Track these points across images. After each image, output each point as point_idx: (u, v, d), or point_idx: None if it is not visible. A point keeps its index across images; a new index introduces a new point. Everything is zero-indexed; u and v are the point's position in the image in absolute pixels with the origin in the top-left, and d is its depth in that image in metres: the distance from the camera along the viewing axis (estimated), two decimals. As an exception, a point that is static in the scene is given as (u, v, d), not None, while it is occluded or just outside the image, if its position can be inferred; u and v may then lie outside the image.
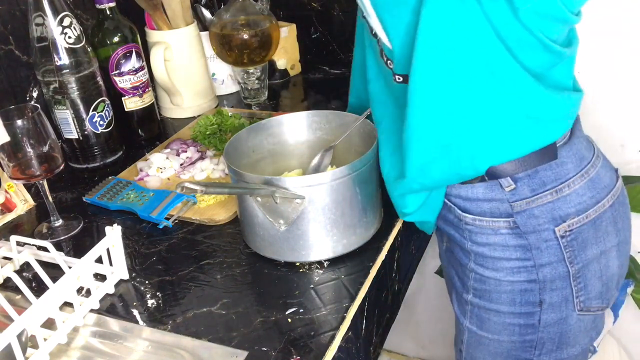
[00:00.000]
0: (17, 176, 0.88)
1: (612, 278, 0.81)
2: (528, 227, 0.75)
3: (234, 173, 0.79)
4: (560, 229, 0.75)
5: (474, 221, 0.78)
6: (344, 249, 0.81)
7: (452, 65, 0.66)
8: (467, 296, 0.84)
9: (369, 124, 0.86)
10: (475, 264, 0.81)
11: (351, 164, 0.77)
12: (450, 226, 0.83)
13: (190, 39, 1.25)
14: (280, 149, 0.93)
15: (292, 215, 0.77)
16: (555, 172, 0.74)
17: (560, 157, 0.74)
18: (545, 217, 0.75)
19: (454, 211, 0.80)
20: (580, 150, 0.77)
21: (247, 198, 0.78)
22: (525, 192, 0.75)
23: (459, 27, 0.64)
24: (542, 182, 0.74)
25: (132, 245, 0.89)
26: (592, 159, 0.78)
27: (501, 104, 0.69)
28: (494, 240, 0.78)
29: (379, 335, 0.84)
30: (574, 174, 0.75)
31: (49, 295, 0.70)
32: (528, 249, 0.76)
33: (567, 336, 0.81)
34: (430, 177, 0.75)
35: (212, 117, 1.15)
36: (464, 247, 0.81)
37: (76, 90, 1.05)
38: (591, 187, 0.76)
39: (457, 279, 0.86)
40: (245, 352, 0.68)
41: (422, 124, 0.70)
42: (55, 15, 1.00)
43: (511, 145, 0.72)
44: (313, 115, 0.93)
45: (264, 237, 0.80)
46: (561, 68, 0.72)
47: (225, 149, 0.83)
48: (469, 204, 0.78)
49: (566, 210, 0.75)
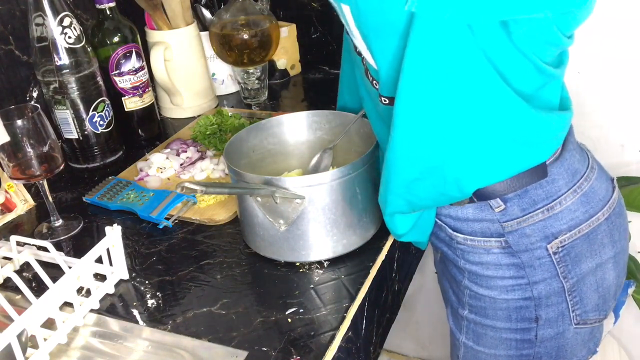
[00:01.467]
0: (17, 176, 0.88)
1: (609, 289, 0.79)
2: (520, 246, 0.74)
3: (234, 173, 0.79)
4: (553, 245, 0.73)
5: (465, 241, 0.77)
6: (344, 249, 0.81)
7: (440, 90, 0.64)
8: (463, 312, 0.83)
9: (368, 124, 0.86)
10: (470, 282, 0.80)
11: (351, 164, 0.77)
12: (442, 243, 0.82)
13: (190, 39, 1.25)
14: (280, 149, 0.93)
15: (292, 215, 0.77)
16: (545, 190, 0.72)
17: (550, 174, 0.72)
18: (537, 236, 0.73)
19: (445, 230, 0.79)
20: (572, 164, 0.74)
21: (247, 198, 0.78)
22: (516, 212, 0.73)
23: (449, 51, 0.61)
24: (532, 201, 0.73)
25: (132, 245, 0.89)
26: (585, 171, 0.75)
27: (488, 127, 0.66)
28: (486, 259, 0.76)
29: (379, 335, 0.84)
30: (565, 190, 0.73)
31: (49, 295, 0.70)
32: (521, 267, 0.75)
33: (564, 350, 0.80)
34: (416, 196, 0.73)
35: (212, 117, 1.15)
36: (457, 264, 0.80)
37: (76, 90, 1.05)
38: (585, 202, 0.74)
39: (452, 294, 0.85)
40: (245, 352, 0.68)
41: (407, 146, 0.68)
42: (55, 15, 1.00)
43: (498, 168, 0.70)
44: (313, 115, 0.93)
45: (264, 237, 0.80)
46: (550, 88, 0.70)
47: (225, 149, 0.83)
48: (460, 223, 0.77)
49: (558, 227, 0.73)
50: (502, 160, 0.70)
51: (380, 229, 0.85)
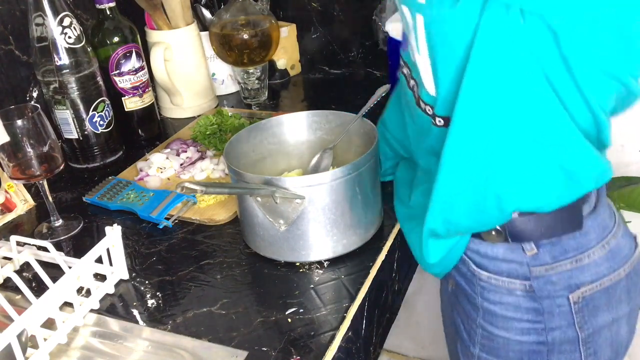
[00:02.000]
0: (17, 176, 0.88)
1: (622, 344, 0.80)
2: (543, 292, 0.74)
3: (234, 173, 0.79)
4: (574, 295, 0.74)
5: (489, 279, 0.77)
6: (344, 249, 0.81)
7: (499, 107, 0.64)
8: (474, 350, 0.82)
9: (368, 123, 0.86)
10: (484, 321, 0.79)
11: (351, 163, 0.77)
12: (461, 277, 0.82)
13: (190, 39, 1.25)
14: (280, 149, 0.93)
15: (292, 215, 0.77)
16: (577, 242, 0.73)
17: (585, 226, 0.73)
18: (561, 284, 0.74)
19: (468, 265, 0.79)
20: (604, 219, 0.75)
21: (247, 198, 0.78)
22: (546, 258, 0.74)
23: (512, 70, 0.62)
24: (564, 250, 0.73)
25: (132, 245, 0.89)
26: (613, 227, 0.76)
27: (540, 149, 0.67)
28: (507, 300, 0.76)
29: (379, 335, 0.84)
30: (595, 243, 0.74)
31: (49, 295, 0.70)
32: (540, 313, 0.75)
33: None
34: (455, 213, 0.72)
35: (212, 117, 1.15)
36: (474, 302, 0.80)
37: (76, 90, 1.05)
38: (610, 258, 0.75)
39: (464, 330, 0.84)
40: (245, 352, 0.68)
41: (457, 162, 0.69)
42: (55, 15, 1.00)
43: (539, 193, 0.70)
44: (313, 115, 0.93)
45: (264, 237, 0.80)
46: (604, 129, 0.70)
47: (225, 149, 0.83)
48: (487, 261, 0.77)
49: (582, 278, 0.74)
50: (545, 185, 0.69)
51: (380, 229, 0.85)
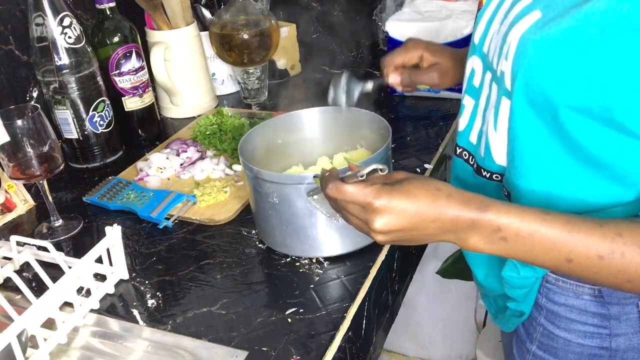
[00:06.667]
0: (17, 176, 0.88)
1: None
2: (613, 298, 0.73)
3: (270, 176, 0.77)
4: None
5: (556, 281, 0.76)
6: (344, 249, 0.81)
7: None
8: (531, 346, 0.81)
9: (382, 120, 0.86)
10: (546, 320, 0.79)
11: (362, 161, 0.76)
12: None
13: (190, 39, 1.25)
14: (292, 144, 0.93)
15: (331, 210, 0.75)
16: None
17: None
18: None
19: None
20: None
21: (262, 194, 0.78)
22: None
23: None
24: None
25: (132, 245, 0.89)
26: None
27: None
28: (573, 302, 0.75)
29: (379, 335, 0.84)
30: None
31: (49, 295, 0.70)
32: (607, 318, 0.74)
33: None
34: None
35: (212, 117, 1.15)
36: (537, 301, 0.79)
37: (76, 90, 1.05)
38: None
39: (521, 325, 0.84)
40: (245, 352, 0.68)
41: None
42: (55, 15, 1.00)
43: None
44: (325, 110, 0.92)
45: (276, 231, 0.80)
46: None
47: (240, 147, 0.83)
48: None
49: None
50: None
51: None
